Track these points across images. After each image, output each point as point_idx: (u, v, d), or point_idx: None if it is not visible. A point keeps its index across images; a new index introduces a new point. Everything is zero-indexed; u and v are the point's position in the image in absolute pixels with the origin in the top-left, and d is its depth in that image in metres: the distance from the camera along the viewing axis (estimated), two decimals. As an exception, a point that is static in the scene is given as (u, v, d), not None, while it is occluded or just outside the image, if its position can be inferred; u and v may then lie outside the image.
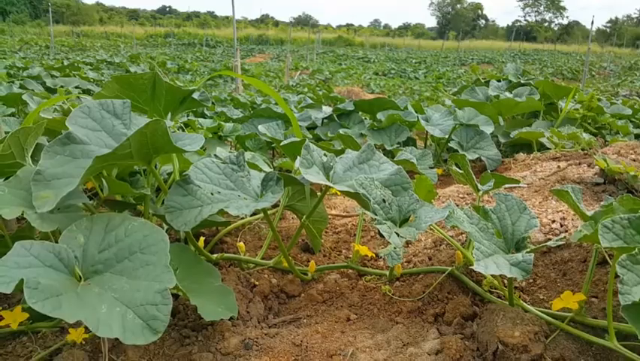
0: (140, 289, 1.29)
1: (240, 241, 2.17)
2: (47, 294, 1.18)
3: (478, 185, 1.82)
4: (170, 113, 2.07)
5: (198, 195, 1.61)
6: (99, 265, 1.35)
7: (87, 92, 8.49)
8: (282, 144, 1.84)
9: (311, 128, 4.13)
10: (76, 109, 1.60)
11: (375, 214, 1.54)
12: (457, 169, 1.90)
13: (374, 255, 2.01)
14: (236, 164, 1.79)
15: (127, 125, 1.67)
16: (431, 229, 1.99)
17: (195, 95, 2.15)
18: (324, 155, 1.80)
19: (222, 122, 3.89)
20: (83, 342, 1.49)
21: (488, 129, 3.72)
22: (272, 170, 2.24)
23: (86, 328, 1.46)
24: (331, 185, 1.65)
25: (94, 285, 1.30)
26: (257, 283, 1.89)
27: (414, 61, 32.43)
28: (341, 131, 4.00)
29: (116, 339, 1.34)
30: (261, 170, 2.26)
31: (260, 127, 2.33)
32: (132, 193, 1.84)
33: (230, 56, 30.17)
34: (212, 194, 1.64)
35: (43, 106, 2.02)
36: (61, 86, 8.58)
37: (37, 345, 1.56)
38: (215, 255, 1.95)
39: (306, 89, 10.96)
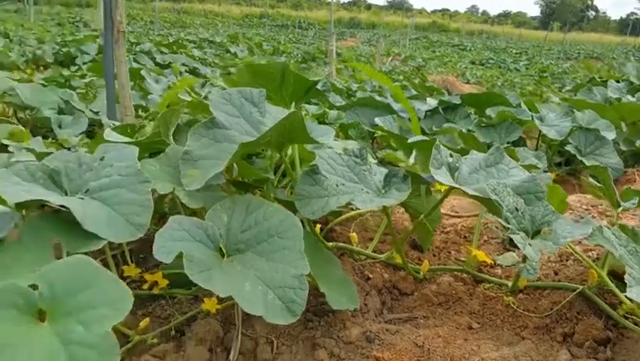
0: (278, 271, 1.36)
1: (352, 232, 2.21)
2: (201, 267, 1.27)
3: (620, 201, 1.71)
4: (294, 102, 2.14)
5: (325, 186, 1.65)
6: (241, 244, 1.43)
7: (193, 70, 8.95)
8: (410, 140, 1.83)
9: (414, 120, 4.06)
10: (218, 95, 1.69)
11: (508, 223, 1.50)
12: (594, 181, 1.80)
13: (492, 262, 1.96)
14: (359, 157, 1.81)
15: (262, 113, 1.74)
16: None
17: (318, 86, 2.20)
18: (450, 155, 1.77)
19: (327, 109, 3.94)
20: (215, 312, 1.58)
21: (610, 135, 3.47)
22: (376, 161, 2.24)
23: (218, 298, 1.56)
24: (457, 186, 1.63)
25: (236, 262, 1.39)
26: (371, 276, 1.92)
27: (514, 51, 30.73)
28: (446, 125, 3.91)
29: (244, 313, 1.43)
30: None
31: (377, 120, 2.34)
32: (259, 176, 1.92)
33: (322, 38, 30.35)
34: (337, 185, 1.67)
35: (180, 87, 2.15)
36: (170, 63, 9.11)
37: (174, 309, 1.69)
38: (329, 243, 2.00)
39: (401, 77, 10.78)
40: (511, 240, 2.31)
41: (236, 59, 12.50)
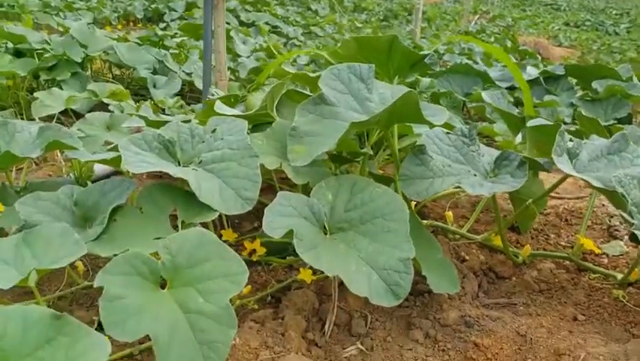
0: (383, 253, 1.36)
1: (447, 210, 2.16)
2: (309, 245, 1.29)
3: None
4: (397, 76, 2.08)
5: (431, 167, 1.61)
6: (344, 223, 1.44)
7: (275, 29, 8.96)
8: (529, 124, 1.73)
9: (510, 89, 3.84)
10: (327, 71, 1.67)
11: (632, 217, 1.39)
12: None
13: (600, 251, 1.85)
14: (468, 137, 1.74)
15: (370, 90, 1.70)
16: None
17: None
18: (570, 140, 1.65)
19: (419, 77, 3.81)
20: (310, 282, 1.62)
21: None
22: (467, 125, 2.13)
23: (312, 269, 1.60)
24: (578, 176, 1.53)
25: (339, 241, 1.40)
26: (467, 257, 1.88)
27: (614, 12, 27.90)
28: (547, 97, 3.67)
29: (339, 285, 1.45)
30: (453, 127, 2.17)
31: (484, 94, 2.23)
32: (358, 151, 1.91)
33: (405, -5, 29.14)
34: (442, 167, 1.62)
35: (282, 59, 2.15)
36: (254, 21, 9.17)
37: (270, 276, 1.76)
38: (424, 221, 1.96)
39: (492, 39, 10.18)
40: (633, 235, 2.17)
41: (318, 17, 12.35)
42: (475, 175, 1.62)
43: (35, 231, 1.26)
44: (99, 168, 2.10)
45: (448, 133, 1.71)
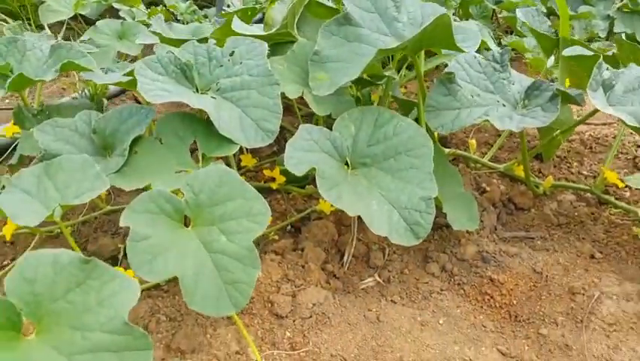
0: (405, 191, 1.34)
1: (470, 138, 2.11)
2: (331, 183, 1.28)
3: None
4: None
5: (458, 97, 1.54)
6: (367, 158, 1.41)
7: None
8: (565, 53, 1.61)
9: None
10: (353, -14, 1.54)
11: (667, 161, 1.33)
12: None
13: (623, 185, 1.81)
14: (500, 62, 1.63)
15: (398, 9, 1.58)
16: None
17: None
18: (607, 69, 1.55)
19: (446, -19, 3.53)
20: (329, 213, 1.63)
21: None
22: (499, 49, 2.03)
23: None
24: (612, 112, 1.45)
25: (361, 177, 1.38)
26: (487, 188, 1.86)
27: None
28: (582, 8, 3.41)
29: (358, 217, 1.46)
30: (487, 47, 2.06)
31: (518, 12, 2.06)
32: (381, 74, 1.82)
33: None
34: (471, 96, 1.55)
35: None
36: None
37: (289, 205, 1.77)
38: (446, 150, 1.92)
39: None
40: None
41: None
42: (504, 105, 1.55)
43: (56, 162, 1.25)
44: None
45: (476, 57, 1.60)
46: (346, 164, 1.41)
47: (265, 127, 1.39)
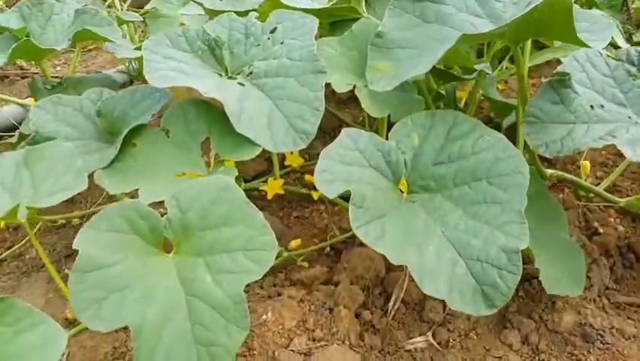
0: (480, 235, 0.95)
1: (582, 159, 1.63)
2: (372, 215, 0.92)
3: None
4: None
5: (573, 107, 1.10)
6: (431, 180, 1.03)
7: None
8: None
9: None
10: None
11: None
12: None
13: None
14: (636, 64, 1.17)
15: (500, -17, 1.17)
16: None
17: None
18: None
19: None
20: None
21: None
22: (629, 46, 1.52)
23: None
24: None
25: (419, 206, 1.01)
26: (600, 229, 1.39)
27: None
28: None
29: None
30: (615, 44, 1.56)
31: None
32: (471, 66, 1.41)
33: None
34: (591, 107, 1.11)
35: None
36: None
37: (332, 220, 1.43)
38: (548, 171, 1.47)
39: None
40: None
41: None
42: (637, 123, 1.09)
43: (38, 150, 1.02)
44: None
45: (602, 56, 1.16)
46: (401, 186, 1.04)
47: (299, 126, 1.07)
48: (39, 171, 1.00)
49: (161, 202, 0.88)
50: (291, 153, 1.51)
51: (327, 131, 1.73)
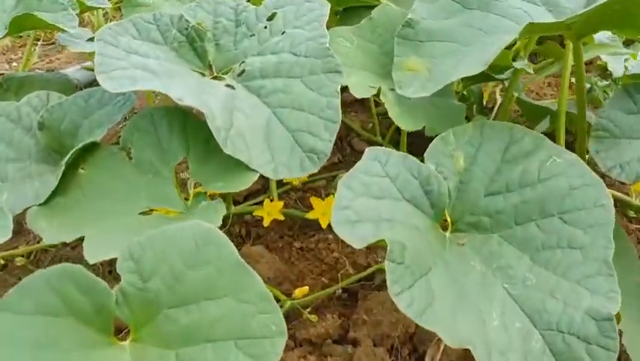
0: (557, 294, 0.70)
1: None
2: (415, 272, 0.67)
3: None
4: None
5: (656, 116, 0.86)
6: (484, 216, 0.78)
7: None
8: None
9: None
10: None
11: None
12: None
13: None
14: None
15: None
16: None
17: None
18: None
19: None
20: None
21: None
22: None
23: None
24: None
25: (471, 252, 0.75)
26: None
27: None
28: None
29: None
30: None
31: None
32: (509, 64, 1.17)
33: None
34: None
35: None
36: None
37: (344, 254, 1.17)
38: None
39: None
40: None
41: None
42: None
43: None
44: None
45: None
46: (443, 222, 0.79)
47: (308, 144, 0.80)
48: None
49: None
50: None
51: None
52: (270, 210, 1.04)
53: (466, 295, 0.69)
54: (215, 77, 0.91)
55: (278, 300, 0.91)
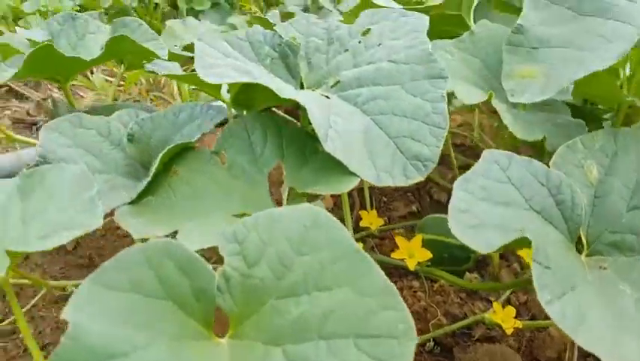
0: None
1: None
2: (562, 283, 0.54)
3: None
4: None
5: None
6: (629, 234, 0.66)
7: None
8: None
9: None
10: None
11: None
12: None
13: None
14: None
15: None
16: None
17: None
18: None
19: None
20: (509, 331, 0.87)
21: None
22: None
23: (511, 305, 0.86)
24: None
25: (616, 277, 0.62)
26: None
27: None
28: None
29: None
30: None
31: None
32: (614, 95, 1.07)
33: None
34: None
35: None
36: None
37: (432, 301, 1.04)
38: None
39: None
40: None
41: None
42: None
43: (38, 174, 0.71)
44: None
45: None
46: (577, 243, 0.67)
47: (412, 150, 0.72)
48: (36, 201, 0.68)
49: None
50: (370, 208, 1.16)
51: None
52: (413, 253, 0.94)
53: (624, 319, 0.56)
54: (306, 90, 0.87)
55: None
